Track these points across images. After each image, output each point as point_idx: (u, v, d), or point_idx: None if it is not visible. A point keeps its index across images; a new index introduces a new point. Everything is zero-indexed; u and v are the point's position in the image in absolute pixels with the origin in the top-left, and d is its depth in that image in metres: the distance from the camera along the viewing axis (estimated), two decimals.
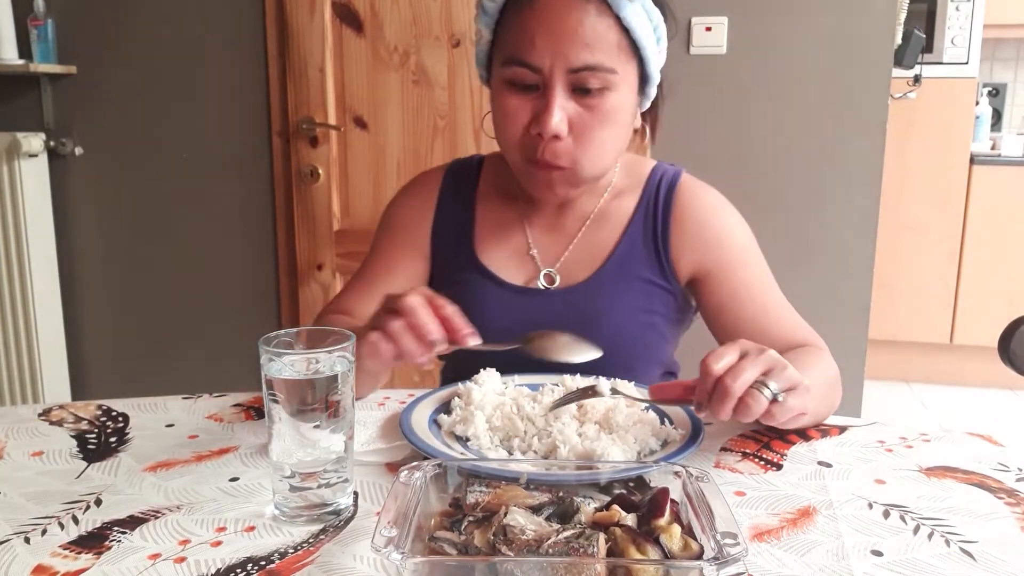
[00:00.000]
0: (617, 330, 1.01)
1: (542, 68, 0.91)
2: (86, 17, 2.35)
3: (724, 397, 0.73)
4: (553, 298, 1.04)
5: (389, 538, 0.54)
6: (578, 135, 0.93)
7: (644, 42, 0.93)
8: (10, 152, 2.30)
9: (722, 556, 0.53)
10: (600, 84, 0.91)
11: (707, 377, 0.74)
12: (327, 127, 2.24)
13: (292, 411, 0.67)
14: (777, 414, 0.75)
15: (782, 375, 0.74)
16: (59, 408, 0.94)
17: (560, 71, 0.90)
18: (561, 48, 0.89)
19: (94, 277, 2.52)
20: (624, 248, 1.04)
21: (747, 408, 0.73)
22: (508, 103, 0.95)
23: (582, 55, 0.90)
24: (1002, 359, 1.00)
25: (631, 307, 1.03)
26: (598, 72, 0.91)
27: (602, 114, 0.93)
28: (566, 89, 0.92)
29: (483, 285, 1.05)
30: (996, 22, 3.48)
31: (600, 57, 0.90)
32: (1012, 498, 0.74)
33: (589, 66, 0.90)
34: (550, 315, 1.02)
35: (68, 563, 0.62)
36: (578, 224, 1.07)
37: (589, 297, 1.03)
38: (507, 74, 0.94)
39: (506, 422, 0.82)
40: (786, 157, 2.18)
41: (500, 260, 1.07)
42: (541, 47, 0.90)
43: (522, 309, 1.04)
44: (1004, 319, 1.03)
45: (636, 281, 1.03)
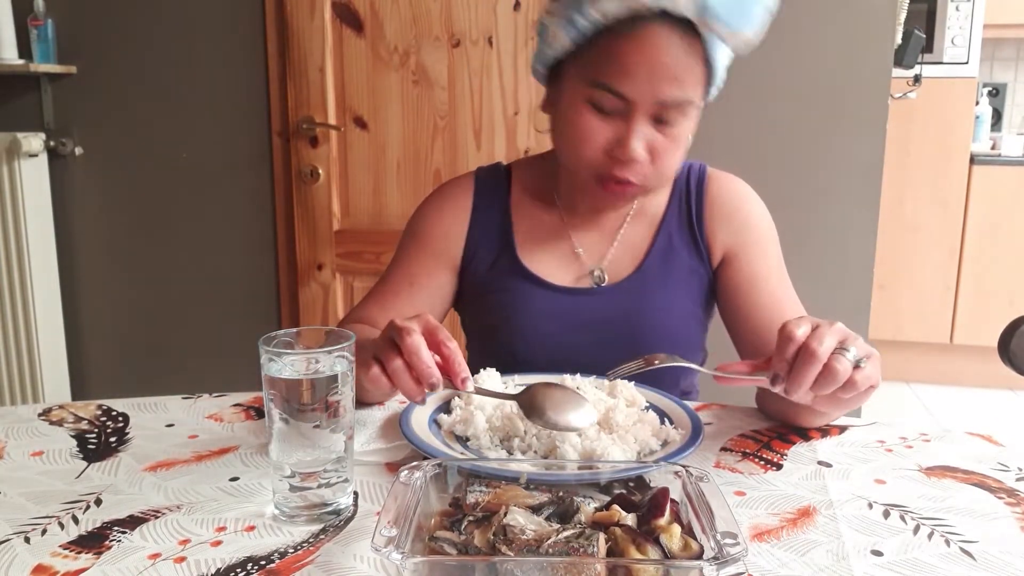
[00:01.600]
0: (662, 321, 1.05)
1: (632, 99, 0.92)
2: (86, 17, 2.35)
3: (810, 361, 0.70)
4: (601, 296, 1.06)
5: (389, 538, 0.54)
6: (654, 156, 0.95)
7: (720, 74, 0.97)
8: (10, 152, 2.30)
9: (722, 556, 0.53)
10: (679, 114, 0.94)
11: (788, 343, 0.72)
12: (327, 127, 2.24)
13: (292, 411, 0.67)
14: (860, 381, 0.72)
15: (857, 341, 0.73)
16: (59, 408, 0.94)
17: (648, 103, 0.92)
18: (654, 83, 0.91)
19: (94, 277, 2.52)
20: (663, 240, 1.07)
21: (832, 374, 0.70)
22: (588, 123, 0.95)
23: (672, 91, 0.91)
24: (1002, 359, 1.00)
25: (676, 298, 1.06)
26: (682, 105, 0.93)
27: (676, 139, 0.95)
28: (648, 117, 0.93)
29: (531, 290, 1.06)
30: (996, 22, 3.48)
31: (688, 92, 0.93)
32: (1012, 498, 0.74)
33: (676, 101, 0.92)
34: (598, 313, 1.04)
35: (68, 563, 0.62)
36: (618, 222, 1.09)
37: (635, 292, 1.05)
38: (592, 95, 0.94)
39: (506, 422, 0.82)
40: (786, 157, 2.18)
41: (545, 264, 1.07)
42: (636, 80, 0.91)
43: (572, 310, 1.05)
44: (1004, 319, 1.03)
45: (677, 270, 1.07)
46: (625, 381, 0.91)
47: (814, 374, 0.71)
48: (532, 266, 1.07)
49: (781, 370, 0.73)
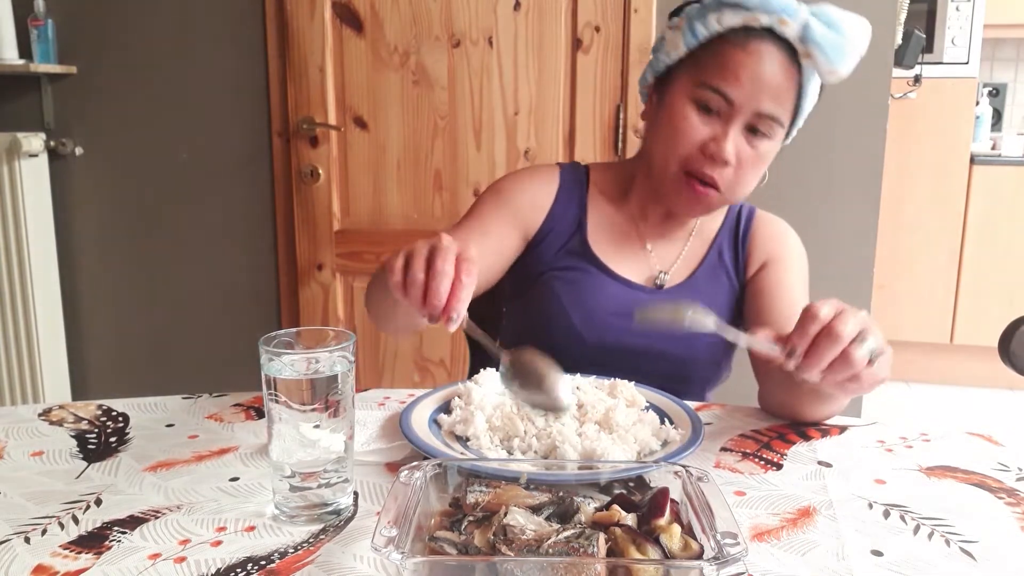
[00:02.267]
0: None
1: (735, 103, 0.99)
2: (86, 17, 2.35)
3: (833, 341, 0.71)
4: (658, 295, 1.12)
5: (389, 538, 0.54)
6: (739, 166, 1.02)
7: (806, 107, 1.05)
8: (10, 152, 2.29)
9: (722, 556, 0.53)
10: (768, 131, 1.02)
11: (811, 321, 0.72)
12: (327, 127, 2.24)
13: (292, 411, 0.67)
14: (865, 378, 0.73)
15: (876, 336, 0.74)
16: (59, 408, 0.94)
17: (748, 110, 1.00)
18: (758, 93, 0.99)
19: (94, 277, 2.51)
20: (713, 255, 1.16)
21: (848, 361, 0.71)
22: (691, 118, 1.02)
23: (769, 104, 0.99)
24: (1002, 359, 1.00)
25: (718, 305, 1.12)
26: (773, 123, 1.01)
27: (760, 155, 1.03)
28: (743, 125, 1.01)
29: (597, 276, 1.12)
30: (996, 22, 3.48)
31: (781, 111, 1.01)
32: (1012, 498, 0.74)
33: (771, 115, 1.00)
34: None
35: (68, 563, 0.62)
36: (685, 234, 1.16)
37: (688, 296, 1.11)
38: (699, 94, 1.01)
39: (506, 422, 0.82)
40: (786, 157, 2.17)
41: (616, 257, 1.13)
42: (744, 85, 0.99)
43: (633, 302, 1.09)
44: (1004, 319, 1.03)
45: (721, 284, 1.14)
46: (625, 381, 0.91)
47: (832, 355, 0.71)
48: (601, 255, 1.13)
49: (799, 344, 0.73)
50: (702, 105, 1.01)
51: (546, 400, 0.76)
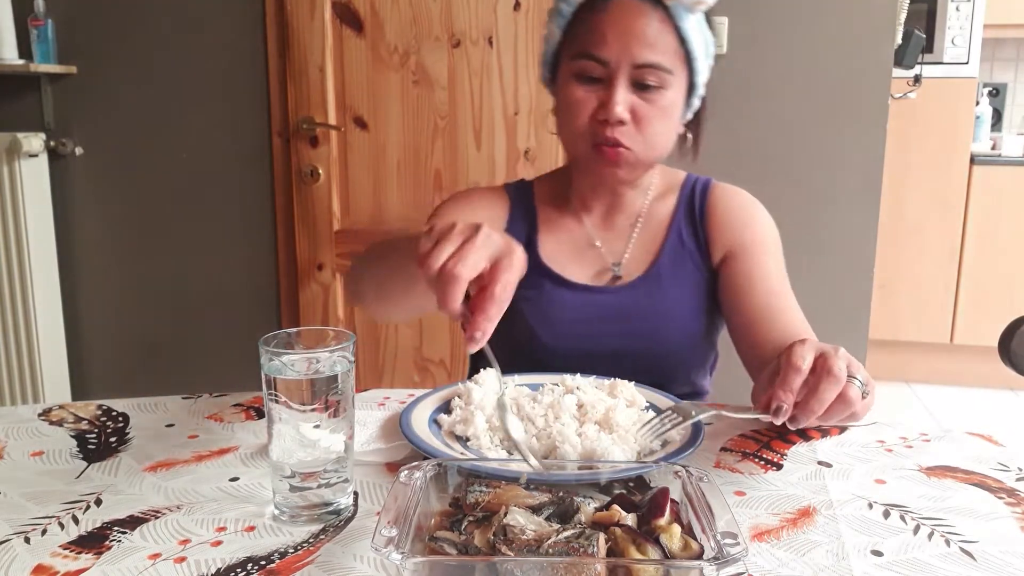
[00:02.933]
0: (674, 314, 1.10)
1: (610, 61, 1.00)
2: (86, 17, 2.35)
3: (833, 383, 0.70)
4: (619, 293, 1.12)
5: (389, 538, 0.54)
6: (638, 121, 1.02)
7: (696, 53, 1.04)
8: (10, 152, 2.30)
9: (722, 556, 0.53)
10: (657, 82, 1.01)
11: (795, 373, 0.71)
12: (327, 127, 2.24)
13: (292, 411, 0.67)
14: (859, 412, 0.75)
15: (860, 371, 0.74)
16: (59, 408, 0.94)
17: (625, 65, 1.00)
18: (628, 45, 1.00)
19: (94, 277, 2.52)
20: (672, 241, 1.13)
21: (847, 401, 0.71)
22: (576, 93, 1.03)
23: (645, 53, 1.00)
24: (1002, 359, 1.00)
25: (686, 295, 1.11)
26: (657, 71, 1.01)
27: (660, 107, 1.03)
28: (628, 83, 1.01)
29: (553, 287, 1.12)
30: (996, 22, 3.48)
31: (660, 58, 1.00)
32: (1012, 498, 0.74)
33: (650, 64, 1.00)
34: (617, 308, 1.10)
35: (68, 563, 0.62)
36: (631, 223, 1.15)
37: (647, 289, 1.11)
38: (576, 67, 1.03)
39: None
40: (786, 157, 2.18)
41: (567, 263, 1.14)
42: (611, 43, 1.00)
43: (592, 305, 1.11)
44: (1004, 319, 1.03)
45: (683, 268, 1.12)
46: (625, 381, 0.91)
47: (832, 396, 0.71)
48: (555, 266, 1.13)
49: (785, 400, 0.71)
50: (584, 77, 1.02)
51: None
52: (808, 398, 0.71)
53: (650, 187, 1.16)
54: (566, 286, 1.12)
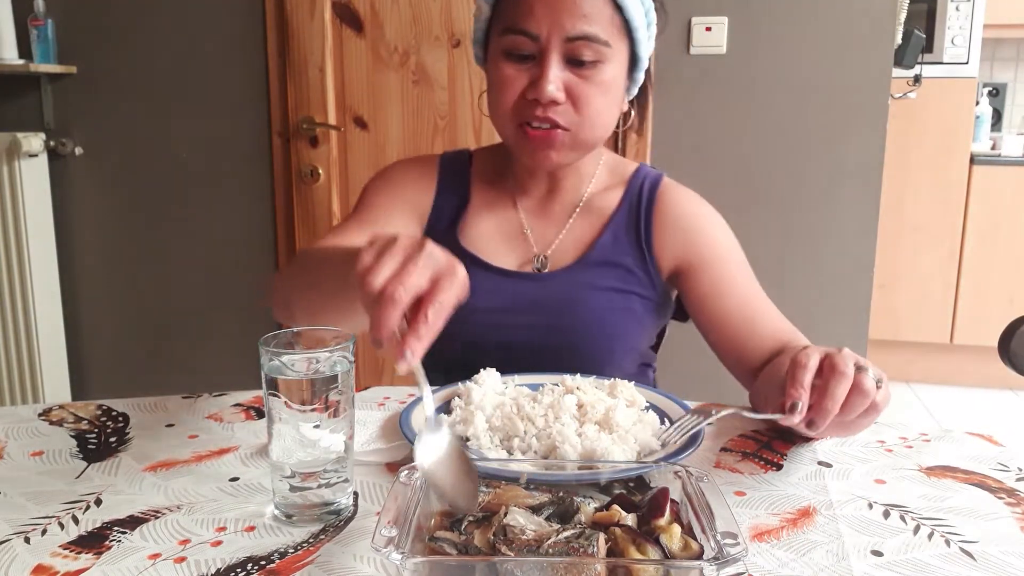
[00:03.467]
0: (597, 311, 1.05)
1: (540, 36, 0.94)
2: (86, 17, 2.35)
3: (840, 379, 0.69)
4: (538, 282, 1.07)
5: (389, 538, 0.54)
6: (575, 100, 0.96)
7: (636, 23, 0.98)
8: (10, 152, 2.29)
9: (722, 556, 0.53)
10: (594, 56, 0.95)
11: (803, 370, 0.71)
12: (327, 127, 2.24)
13: (292, 411, 0.67)
14: (880, 403, 0.72)
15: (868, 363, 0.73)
16: (59, 408, 0.94)
17: (557, 39, 0.94)
18: (558, 17, 0.94)
19: (94, 277, 2.52)
20: (608, 237, 1.08)
21: (862, 391, 0.70)
22: (504, 71, 0.98)
23: (578, 25, 0.94)
24: (1002, 359, 1.00)
25: (610, 289, 1.06)
26: (592, 43, 0.95)
27: (596, 84, 0.97)
28: (561, 59, 0.95)
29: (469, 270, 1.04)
30: (996, 22, 3.48)
31: (595, 29, 0.94)
32: (1012, 498, 0.74)
33: (585, 35, 0.94)
34: (538, 299, 1.05)
35: (68, 563, 0.62)
36: (567, 211, 1.10)
37: (573, 282, 1.06)
38: (505, 43, 0.97)
39: (506, 422, 0.82)
40: (786, 157, 2.18)
41: (491, 245, 1.09)
42: (540, 15, 0.94)
43: (510, 293, 1.06)
44: (1004, 319, 1.03)
45: (618, 268, 1.07)
46: (625, 381, 0.91)
47: (844, 392, 0.69)
48: (476, 247, 1.08)
49: (798, 397, 0.70)
50: (514, 55, 0.97)
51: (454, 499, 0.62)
52: (821, 398, 0.70)
53: (593, 176, 1.11)
54: (484, 270, 1.06)
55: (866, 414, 0.73)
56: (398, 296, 0.59)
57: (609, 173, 1.13)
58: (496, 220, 1.10)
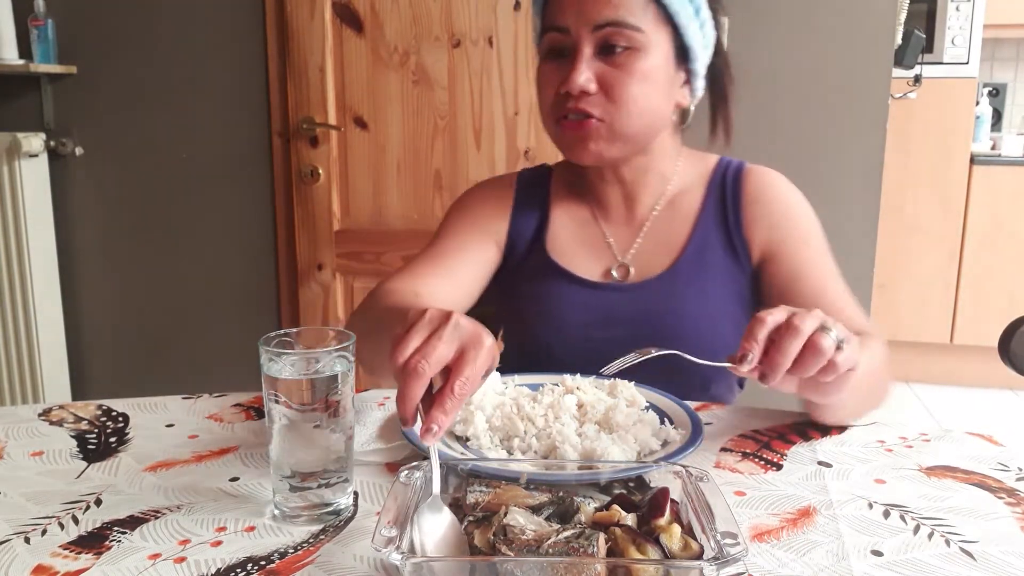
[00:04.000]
0: (698, 321, 1.02)
1: (568, 27, 0.95)
2: (86, 17, 2.35)
3: (792, 335, 0.67)
4: (630, 292, 1.05)
5: (389, 538, 0.54)
6: (608, 90, 0.95)
7: (675, 7, 0.95)
8: (10, 152, 2.30)
9: (722, 556, 0.53)
10: (626, 43, 0.94)
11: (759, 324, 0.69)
12: (327, 127, 2.24)
13: (292, 411, 0.67)
14: (840, 363, 0.69)
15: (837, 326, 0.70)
16: (59, 408, 0.94)
17: (585, 29, 0.94)
18: (585, 6, 0.94)
19: (94, 277, 2.52)
20: (699, 236, 1.05)
21: (817, 349, 0.67)
22: (542, 71, 1.00)
23: (605, 12, 0.93)
24: (1002, 359, 1.00)
25: (711, 296, 1.03)
26: (623, 29, 0.93)
27: (630, 72, 0.95)
28: (593, 49, 0.95)
29: (557, 282, 1.06)
30: (996, 22, 3.48)
31: (623, 14, 0.93)
32: (1012, 498, 0.74)
33: (612, 22, 0.93)
34: (627, 309, 1.03)
35: (68, 563, 0.62)
36: (647, 213, 1.08)
37: (667, 289, 1.04)
38: (544, 44, 0.99)
39: (506, 422, 0.82)
40: (786, 157, 2.17)
41: (576, 257, 1.08)
42: (567, 7, 0.95)
43: (598, 304, 1.04)
44: (1004, 319, 1.03)
45: (714, 269, 1.04)
46: (625, 381, 0.90)
47: (795, 349, 0.68)
48: (561, 259, 1.08)
49: (751, 349, 0.69)
50: (552, 53, 0.98)
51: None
52: (771, 352, 0.69)
53: (672, 175, 1.08)
54: (571, 282, 1.06)
55: (824, 372, 0.70)
56: (421, 369, 0.61)
57: (690, 168, 1.10)
58: (577, 230, 1.10)
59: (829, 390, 0.74)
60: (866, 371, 0.80)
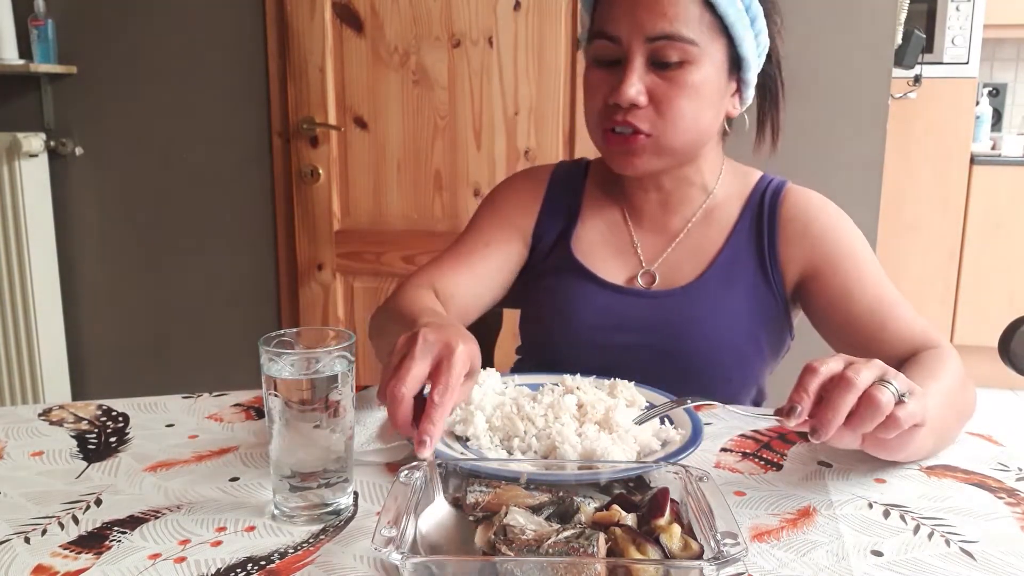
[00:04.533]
0: (718, 336, 0.99)
1: (620, 38, 0.92)
2: (86, 17, 2.35)
3: (846, 389, 0.63)
4: (651, 299, 1.03)
5: (389, 538, 0.54)
6: (657, 104, 0.93)
7: (731, 18, 0.93)
8: (10, 152, 2.30)
9: (722, 556, 0.53)
10: (680, 56, 0.92)
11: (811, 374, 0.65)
12: (327, 127, 2.24)
13: (292, 411, 0.67)
14: (902, 418, 0.65)
15: (899, 378, 0.66)
16: (59, 408, 0.94)
17: (638, 41, 0.91)
18: (639, 17, 0.91)
19: (94, 277, 2.52)
20: (730, 251, 1.03)
21: (874, 404, 0.63)
22: (591, 78, 0.97)
23: (659, 24, 0.90)
24: (1002, 359, 1.00)
25: (735, 312, 1.01)
26: (676, 43, 0.91)
27: (682, 86, 0.93)
28: (645, 60, 0.93)
29: (579, 283, 1.05)
30: (996, 22, 3.48)
31: (678, 27, 0.91)
32: (1012, 498, 0.74)
33: (667, 35, 0.91)
34: (650, 316, 1.01)
35: (68, 563, 0.62)
36: (682, 224, 1.06)
37: (691, 300, 1.01)
38: (592, 50, 0.96)
39: (506, 422, 0.82)
40: (786, 157, 2.17)
41: (601, 259, 1.06)
42: (619, 17, 0.92)
43: (620, 309, 1.02)
44: (1004, 319, 1.03)
45: (742, 285, 1.02)
46: (625, 381, 0.91)
47: (849, 403, 0.63)
48: (586, 259, 1.06)
49: (799, 402, 0.65)
50: (601, 61, 0.95)
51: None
52: (823, 407, 0.65)
53: (715, 186, 1.06)
54: (592, 283, 1.04)
55: (884, 428, 0.66)
56: (400, 394, 0.65)
57: (731, 180, 1.08)
58: (606, 232, 1.08)
59: (894, 447, 0.71)
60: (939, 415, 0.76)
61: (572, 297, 1.04)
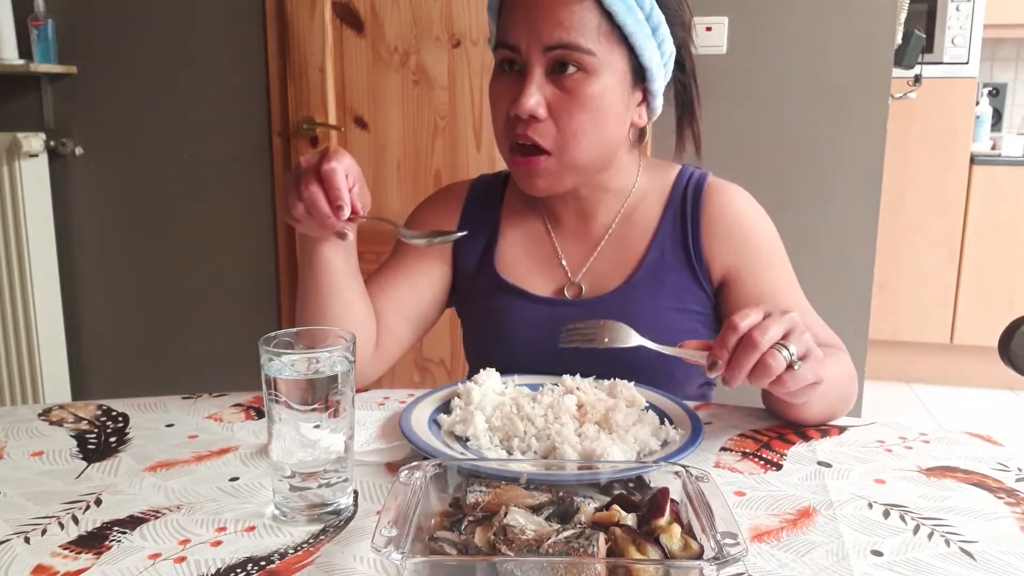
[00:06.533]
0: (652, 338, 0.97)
1: (519, 46, 0.92)
2: (86, 17, 2.35)
3: (749, 349, 0.72)
4: (583, 307, 1.02)
5: (389, 538, 0.54)
6: (557, 118, 0.92)
7: (631, 28, 0.91)
8: (10, 152, 2.30)
9: (722, 556, 0.53)
10: (578, 62, 0.91)
11: (732, 332, 0.73)
12: (327, 127, 2.24)
13: (292, 411, 0.67)
14: (788, 382, 0.74)
15: (800, 339, 0.74)
16: (59, 408, 0.94)
17: (536, 50, 0.91)
18: (536, 26, 0.90)
19: (94, 277, 2.52)
20: (656, 251, 1.02)
21: (766, 368, 0.72)
22: (494, 88, 0.97)
23: (555, 33, 0.90)
24: (1002, 359, 1.00)
25: (667, 309, 1.01)
26: (573, 52, 0.90)
27: (581, 98, 0.91)
28: (544, 70, 0.92)
29: (507, 300, 1.04)
30: (996, 22, 3.48)
31: (575, 36, 0.90)
32: (1012, 498, 0.74)
33: (563, 44, 0.90)
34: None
35: (68, 563, 0.62)
36: (603, 230, 1.05)
37: (621, 305, 1.00)
38: (495, 60, 0.96)
39: (506, 422, 0.82)
40: (786, 157, 2.18)
41: (526, 273, 1.05)
42: (518, 25, 0.91)
43: (550, 321, 0.99)
44: (1004, 319, 1.03)
45: (670, 284, 1.01)
46: (625, 381, 0.90)
47: (750, 363, 0.72)
48: (512, 276, 1.05)
49: (721, 357, 0.73)
50: (503, 69, 0.94)
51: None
52: (731, 361, 0.73)
53: (631, 189, 1.04)
54: (523, 299, 1.03)
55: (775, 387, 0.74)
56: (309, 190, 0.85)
57: (648, 182, 1.06)
58: (529, 245, 1.06)
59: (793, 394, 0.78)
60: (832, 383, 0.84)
61: (504, 316, 1.04)
